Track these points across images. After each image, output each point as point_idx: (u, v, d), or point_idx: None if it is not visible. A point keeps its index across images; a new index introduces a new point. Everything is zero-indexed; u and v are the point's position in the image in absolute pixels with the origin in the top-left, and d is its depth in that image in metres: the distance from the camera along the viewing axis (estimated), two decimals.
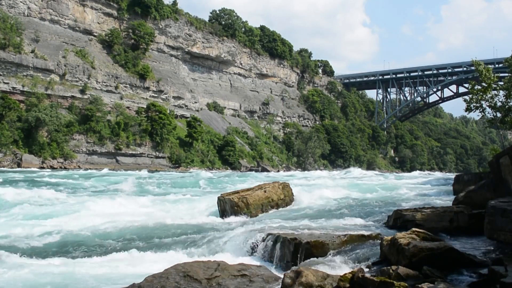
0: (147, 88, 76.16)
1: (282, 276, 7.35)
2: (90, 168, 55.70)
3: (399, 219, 12.05)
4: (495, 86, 26.01)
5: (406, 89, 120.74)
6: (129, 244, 11.39)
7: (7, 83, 57.16)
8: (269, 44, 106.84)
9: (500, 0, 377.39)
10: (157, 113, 70.00)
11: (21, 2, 64.60)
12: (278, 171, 78.07)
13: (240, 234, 11.31)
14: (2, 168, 46.99)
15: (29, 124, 54.85)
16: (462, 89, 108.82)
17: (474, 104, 25.30)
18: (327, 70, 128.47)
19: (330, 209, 16.16)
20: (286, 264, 9.34)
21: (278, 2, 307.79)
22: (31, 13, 65.85)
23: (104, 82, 69.56)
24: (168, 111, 74.63)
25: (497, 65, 75.57)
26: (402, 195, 22.88)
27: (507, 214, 8.06)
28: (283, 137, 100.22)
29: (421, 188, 29.54)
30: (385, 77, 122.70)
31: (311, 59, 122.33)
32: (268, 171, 73.99)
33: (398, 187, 29.45)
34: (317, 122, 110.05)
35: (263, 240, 10.40)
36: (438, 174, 79.24)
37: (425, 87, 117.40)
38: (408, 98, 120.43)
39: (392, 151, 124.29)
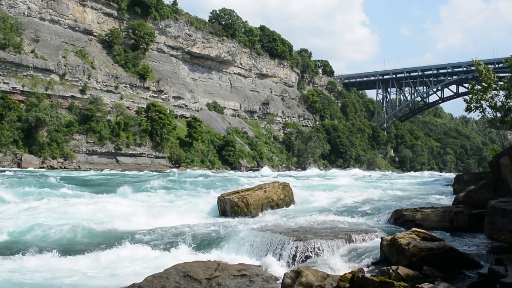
0: (147, 88, 76.12)
1: (282, 276, 7.35)
2: (91, 168, 55.67)
3: (399, 219, 12.07)
4: (495, 86, 26.00)
5: (406, 89, 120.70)
6: (128, 243, 11.37)
7: (7, 83, 57.06)
8: (269, 44, 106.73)
9: (498, 0, 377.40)
10: (157, 113, 69.90)
11: (21, 2, 64.53)
12: (279, 170, 77.87)
13: (240, 234, 11.30)
14: (2, 168, 46.92)
15: (29, 124, 54.80)
16: (462, 89, 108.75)
17: (474, 104, 25.27)
18: (327, 70, 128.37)
19: (330, 209, 16.16)
20: (286, 263, 9.34)
21: (276, 2, 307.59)
22: (31, 13, 65.79)
23: (104, 82, 69.50)
24: (168, 111, 74.49)
25: (497, 65, 75.60)
26: (402, 195, 22.88)
27: (507, 214, 8.06)
28: (283, 137, 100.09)
29: (421, 188, 29.56)
30: (385, 77, 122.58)
31: (311, 59, 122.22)
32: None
33: (397, 187, 29.45)
34: (317, 122, 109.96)
35: (263, 240, 10.40)
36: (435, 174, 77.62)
37: (425, 87, 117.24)
38: (408, 98, 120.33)
39: (392, 151, 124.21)
